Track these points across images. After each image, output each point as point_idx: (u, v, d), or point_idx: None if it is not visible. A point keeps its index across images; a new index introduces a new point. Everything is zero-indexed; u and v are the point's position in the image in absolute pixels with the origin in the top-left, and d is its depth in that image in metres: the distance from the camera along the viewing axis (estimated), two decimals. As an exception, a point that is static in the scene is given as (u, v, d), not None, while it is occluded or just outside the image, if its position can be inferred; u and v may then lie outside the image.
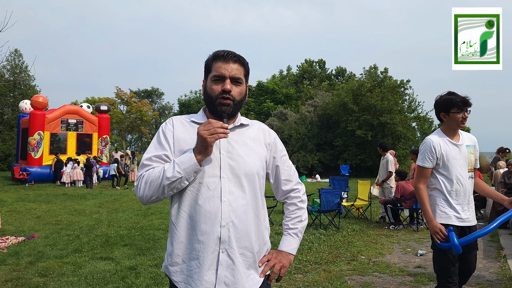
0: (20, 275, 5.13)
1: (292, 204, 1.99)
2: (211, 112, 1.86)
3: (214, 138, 1.66)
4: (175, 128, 1.84)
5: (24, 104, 20.71)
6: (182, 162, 1.69)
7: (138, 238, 7.23)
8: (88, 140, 20.53)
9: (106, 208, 11.00)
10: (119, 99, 41.91)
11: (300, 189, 2.02)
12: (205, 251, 1.70)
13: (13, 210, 10.51)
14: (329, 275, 5.26)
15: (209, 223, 1.71)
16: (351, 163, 24.59)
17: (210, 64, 1.85)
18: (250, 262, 1.79)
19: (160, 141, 1.82)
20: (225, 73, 1.79)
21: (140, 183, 1.74)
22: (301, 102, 32.13)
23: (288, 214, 1.99)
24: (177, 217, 1.77)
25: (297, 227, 1.97)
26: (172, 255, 1.78)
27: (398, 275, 5.32)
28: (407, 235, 8.00)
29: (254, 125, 1.96)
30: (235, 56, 1.83)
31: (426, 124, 30.52)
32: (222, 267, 1.71)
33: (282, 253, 1.92)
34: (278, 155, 1.95)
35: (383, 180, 9.35)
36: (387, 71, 25.75)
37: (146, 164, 1.77)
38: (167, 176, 1.68)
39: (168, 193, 1.72)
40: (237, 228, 1.73)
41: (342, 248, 6.76)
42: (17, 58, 30.79)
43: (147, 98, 55.79)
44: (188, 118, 1.90)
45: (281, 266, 1.88)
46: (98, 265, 5.58)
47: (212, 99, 1.80)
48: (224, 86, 1.77)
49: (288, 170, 1.99)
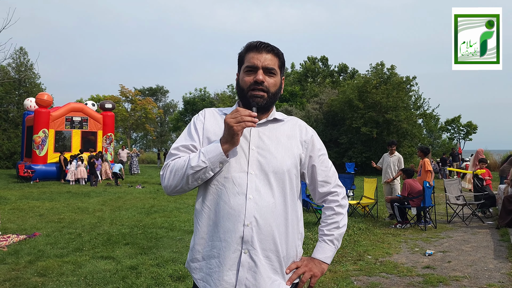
0: (19, 275, 5.03)
1: (329, 209, 1.83)
2: (243, 104, 1.78)
3: (241, 126, 1.57)
4: (206, 119, 1.79)
5: (29, 102, 20.70)
6: (207, 151, 1.62)
7: (140, 237, 7.12)
8: (92, 138, 20.50)
9: (110, 206, 10.91)
10: (123, 97, 41.95)
11: (339, 192, 1.85)
12: (226, 250, 1.60)
13: (16, 208, 10.45)
14: (335, 276, 5.12)
15: (231, 220, 1.61)
16: (357, 161, 24.37)
17: (243, 55, 1.78)
18: (276, 267, 1.65)
19: (190, 131, 1.77)
20: (257, 63, 1.70)
21: (166, 172, 1.68)
22: (306, 100, 31.95)
23: (325, 219, 1.83)
24: (200, 212, 1.71)
25: (333, 234, 1.80)
26: (193, 250, 1.72)
27: (406, 276, 5.16)
28: (414, 234, 7.84)
29: (290, 121, 1.85)
30: (269, 46, 1.74)
31: (432, 121, 30.27)
32: (244, 269, 1.60)
33: (315, 261, 1.77)
34: (315, 154, 1.81)
35: (394, 178, 9.24)
36: (393, 68, 25.48)
37: (173, 154, 1.73)
38: (191, 165, 1.61)
39: (192, 183, 1.65)
40: (261, 229, 1.61)
41: (348, 248, 6.61)
42: (22, 56, 30.81)
43: (151, 96, 55.82)
44: (220, 110, 1.84)
45: (312, 275, 1.73)
46: (99, 264, 5.47)
47: (243, 91, 1.73)
48: (257, 77, 1.69)
49: (326, 171, 1.83)
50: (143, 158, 33.76)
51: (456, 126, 41.35)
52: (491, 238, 7.43)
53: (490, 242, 7.07)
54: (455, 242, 7.12)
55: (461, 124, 41.14)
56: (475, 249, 6.60)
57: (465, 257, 6.10)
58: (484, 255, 6.21)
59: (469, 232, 7.96)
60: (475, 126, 41.30)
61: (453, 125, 41.35)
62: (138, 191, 15.07)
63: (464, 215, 9.38)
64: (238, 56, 1.81)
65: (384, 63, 25.79)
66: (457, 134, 41.61)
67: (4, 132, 28.88)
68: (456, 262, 5.80)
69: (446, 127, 40.61)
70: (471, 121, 41.09)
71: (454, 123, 41.14)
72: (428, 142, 29.07)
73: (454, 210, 9.37)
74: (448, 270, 5.43)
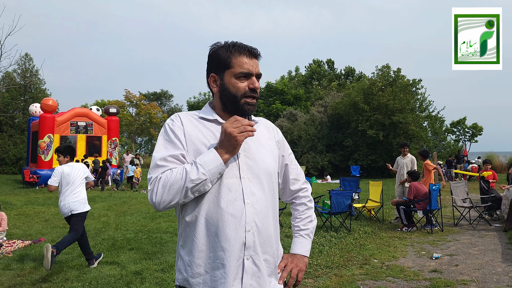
0: (24, 281, 5.03)
1: (302, 204, 1.91)
2: (231, 111, 1.70)
3: (244, 136, 1.56)
4: (184, 125, 1.68)
5: (34, 108, 20.80)
6: (206, 162, 1.54)
7: (145, 242, 7.10)
8: (97, 142, 20.56)
9: (114, 211, 10.92)
10: (128, 101, 42.10)
11: (308, 188, 1.95)
12: (230, 259, 1.56)
13: (22, 213, 10.48)
14: (340, 280, 5.07)
15: (233, 228, 1.57)
16: (362, 164, 24.24)
17: (228, 58, 1.68)
18: (272, 269, 1.69)
19: (171, 139, 1.64)
20: (252, 70, 1.68)
21: (157, 186, 1.54)
22: (310, 103, 31.88)
23: (298, 214, 1.90)
24: (195, 223, 1.60)
25: (308, 228, 1.89)
26: (192, 266, 1.60)
27: (413, 280, 5.11)
28: (421, 237, 7.76)
29: (262, 122, 1.86)
30: (258, 51, 1.73)
31: (437, 123, 30.09)
32: (248, 275, 1.59)
33: (297, 256, 1.82)
34: (286, 153, 1.87)
35: (406, 179, 9.22)
36: (400, 70, 25.38)
37: (161, 165, 1.58)
38: (191, 178, 1.52)
39: (189, 197, 1.55)
40: (261, 233, 1.63)
41: (354, 251, 6.55)
42: (27, 62, 31.03)
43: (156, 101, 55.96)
44: (195, 114, 1.74)
45: (298, 270, 1.79)
46: (103, 270, 5.46)
47: (236, 98, 1.67)
48: (254, 84, 1.68)
49: (296, 168, 1.91)
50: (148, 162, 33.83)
51: (461, 128, 41.13)
52: (498, 241, 7.35)
53: (497, 245, 6.98)
54: (462, 245, 7.05)
55: (466, 126, 40.92)
56: (483, 252, 6.52)
57: (472, 260, 6.03)
58: (492, 258, 6.14)
59: (476, 235, 7.88)
60: (481, 128, 41.07)
61: (459, 127, 41.14)
62: (143, 196, 15.07)
63: (471, 218, 9.29)
64: (217, 55, 1.70)
65: (390, 66, 25.70)
66: (463, 136, 41.39)
67: (10, 137, 29.02)
68: (463, 266, 5.73)
69: (451, 129, 40.40)
70: (476, 123, 40.87)
71: (460, 125, 40.93)
72: (433, 144, 28.88)
73: (461, 212, 9.29)
74: (455, 274, 5.37)
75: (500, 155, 28.45)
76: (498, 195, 9.93)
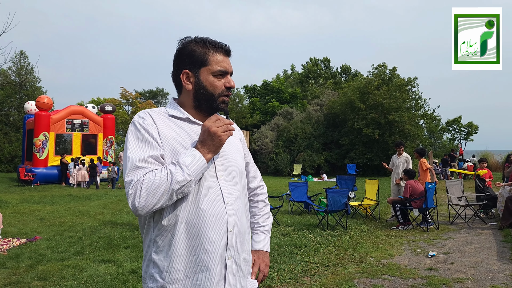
0: (20, 279, 5.00)
1: (260, 201, 1.94)
2: (205, 109, 1.66)
3: (227, 135, 1.55)
4: (157, 123, 1.59)
5: (29, 105, 20.70)
6: (190, 163, 1.48)
7: (141, 240, 7.07)
8: (93, 140, 20.47)
9: (111, 209, 10.88)
10: (124, 99, 41.95)
11: (264, 185, 1.99)
12: (214, 261, 1.53)
13: (17, 211, 10.42)
14: (337, 278, 5.08)
15: (216, 229, 1.55)
16: (358, 162, 24.30)
17: (204, 55, 1.63)
18: (250, 266, 1.73)
19: (146, 139, 1.54)
20: (228, 68, 1.67)
21: (139, 190, 1.44)
22: (307, 101, 31.90)
23: (257, 211, 1.93)
24: (173, 227, 1.52)
25: (267, 224, 1.93)
26: (170, 272, 1.51)
27: (409, 278, 5.13)
28: (416, 235, 7.79)
29: None
30: (231, 49, 1.71)
31: (433, 122, 30.19)
32: (230, 276, 1.58)
33: (261, 252, 1.87)
34: (246, 151, 1.88)
35: (401, 178, 9.25)
36: (395, 69, 25.42)
37: (140, 167, 1.48)
38: (177, 180, 1.44)
39: (173, 199, 1.48)
40: (240, 232, 1.63)
41: (350, 250, 6.57)
42: (22, 60, 30.82)
43: (152, 99, 55.78)
44: (163, 111, 1.66)
45: (265, 265, 1.84)
46: (100, 268, 5.44)
47: (214, 96, 1.64)
48: (230, 83, 1.67)
49: (254, 166, 1.93)
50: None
51: (457, 127, 41.26)
52: (494, 239, 7.39)
53: (493, 243, 7.02)
54: (457, 243, 7.08)
55: (462, 124, 41.05)
56: (478, 250, 6.55)
57: (468, 258, 6.06)
58: (487, 256, 6.17)
59: (472, 233, 7.92)
60: (476, 126, 41.21)
61: (454, 126, 41.27)
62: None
63: (467, 216, 9.33)
64: (191, 52, 1.63)
65: (386, 64, 25.73)
66: (458, 134, 41.52)
67: (5, 135, 28.86)
68: (459, 264, 5.76)
69: (447, 128, 40.52)
70: (472, 122, 41.00)
71: (455, 123, 41.06)
72: (429, 143, 28.97)
73: (456, 211, 9.33)
74: (451, 272, 5.39)
75: (495, 153, 28.61)
76: (493, 194, 9.98)
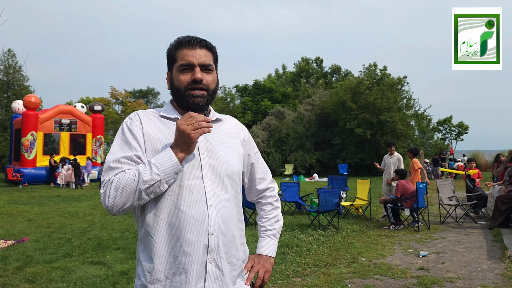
0: (7, 281, 4.91)
1: (268, 204, 1.87)
2: (180, 106, 1.65)
3: (198, 133, 1.47)
4: (143, 124, 1.58)
5: (17, 105, 20.42)
6: (160, 162, 1.46)
7: (132, 241, 7.01)
8: (82, 140, 20.25)
9: (100, 210, 10.76)
10: (114, 99, 41.64)
11: (274, 187, 1.91)
12: (192, 264, 1.50)
13: (5, 212, 10.26)
14: (328, 278, 5.07)
15: (195, 231, 1.51)
16: (350, 162, 24.38)
17: (173, 52, 1.63)
18: (238, 271, 1.65)
19: (127, 139, 1.55)
20: (193, 60, 1.59)
21: (109, 189, 1.46)
22: (298, 101, 31.92)
23: (265, 214, 1.87)
24: (155, 227, 1.53)
25: (275, 228, 1.85)
26: (152, 272, 1.53)
27: (400, 278, 5.12)
28: (408, 235, 7.82)
29: (227, 119, 1.79)
30: (202, 41, 1.63)
31: (424, 122, 30.40)
32: (210, 279, 1.53)
33: (263, 257, 1.79)
34: (252, 152, 1.81)
35: (393, 178, 9.26)
36: (386, 69, 25.56)
37: (113, 167, 1.50)
38: (144, 180, 1.44)
39: (144, 199, 1.47)
40: (225, 235, 1.58)
41: (342, 250, 6.56)
42: (10, 58, 30.45)
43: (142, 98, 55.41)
44: (155, 112, 1.66)
45: (265, 271, 1.76)
46: (89, 270, 5.36)
47: (180, 91, 1.60)
48: (195, 75, 1.57)
49: (262, 167, 1.87)
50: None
51: (448, 127, 41.59)
52: (484, 238, 7.43)
53: (483, 243, 7.06)
54: (448, 243, 7.11)
55: (452, 124, 41.40)
56: (469, 249, 6.58)
57: (458, 258, 6.08)
58: (477, 255, 6.20)
59: (462, 233, 7.96)
60: (467, 126, 41.57)
61: (445, 126, 41.60)
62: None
63: (457, 216, 9.40)
64: (167, 53, 1.66)
65: (377, 64, 25.84)
66: (449, 134, 41.86)
67: (-7, 135, 28.49)
68: (450, 263, 5.78)
69: (438, 127, 40.83)
70: (462, 122, 41.37)
71: (446, 123, 41.38)
72: (420, 142, 29.16)
73: (447, 210, 9.38)
74: (442, 271, 5.40)
75: (485, 153, 28.90)
76: (483, 193, 10.06)
